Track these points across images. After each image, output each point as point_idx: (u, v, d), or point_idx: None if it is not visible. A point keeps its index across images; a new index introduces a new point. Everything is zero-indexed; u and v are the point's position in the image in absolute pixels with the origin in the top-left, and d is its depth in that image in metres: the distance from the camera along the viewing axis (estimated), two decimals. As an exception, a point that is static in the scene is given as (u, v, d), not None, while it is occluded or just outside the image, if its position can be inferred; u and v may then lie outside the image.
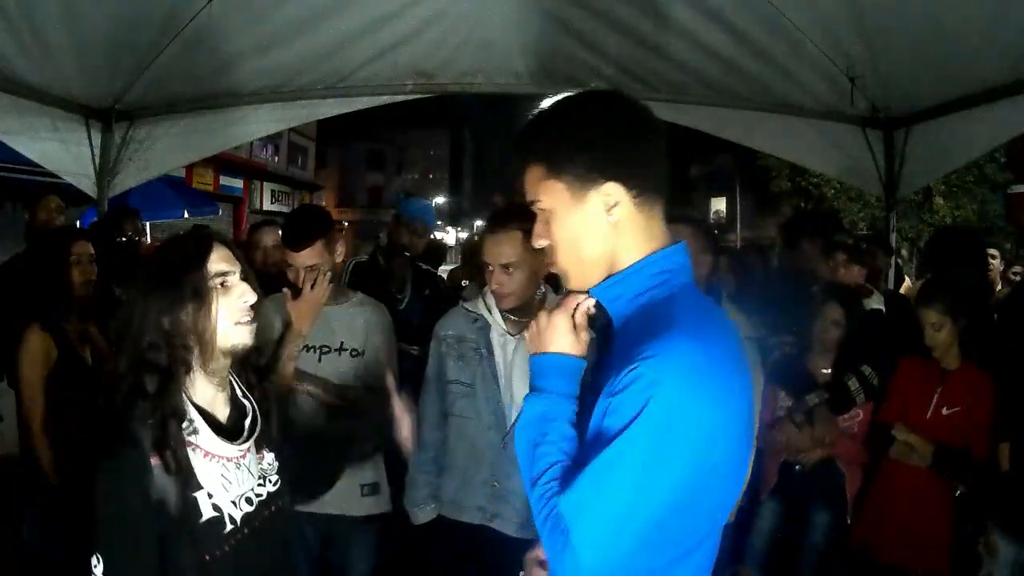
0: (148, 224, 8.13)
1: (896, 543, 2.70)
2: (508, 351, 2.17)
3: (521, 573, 1.38)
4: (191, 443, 1.33)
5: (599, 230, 1.14)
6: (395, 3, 3.53)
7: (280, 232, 3.66)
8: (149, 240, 6.99)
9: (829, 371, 3.04)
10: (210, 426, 1.36)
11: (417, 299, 3.70)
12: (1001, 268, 5.41)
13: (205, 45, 3.58)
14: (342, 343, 2.39)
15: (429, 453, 2.25)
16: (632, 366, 1.03)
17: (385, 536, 2.46)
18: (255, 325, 1.40)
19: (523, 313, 2.15)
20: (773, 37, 3.60)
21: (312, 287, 2.25)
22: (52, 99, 3.67)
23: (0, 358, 2.81)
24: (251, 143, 17.12)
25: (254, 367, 1.49)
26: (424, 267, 3.92)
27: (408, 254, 3.78)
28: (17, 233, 4.15)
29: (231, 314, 1.36)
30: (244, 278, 1.39)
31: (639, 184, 1.14)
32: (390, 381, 1.97)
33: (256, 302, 1.40)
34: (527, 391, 1.30)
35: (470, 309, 2.25)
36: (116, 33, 3.37)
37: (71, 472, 2.46)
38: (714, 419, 1.04)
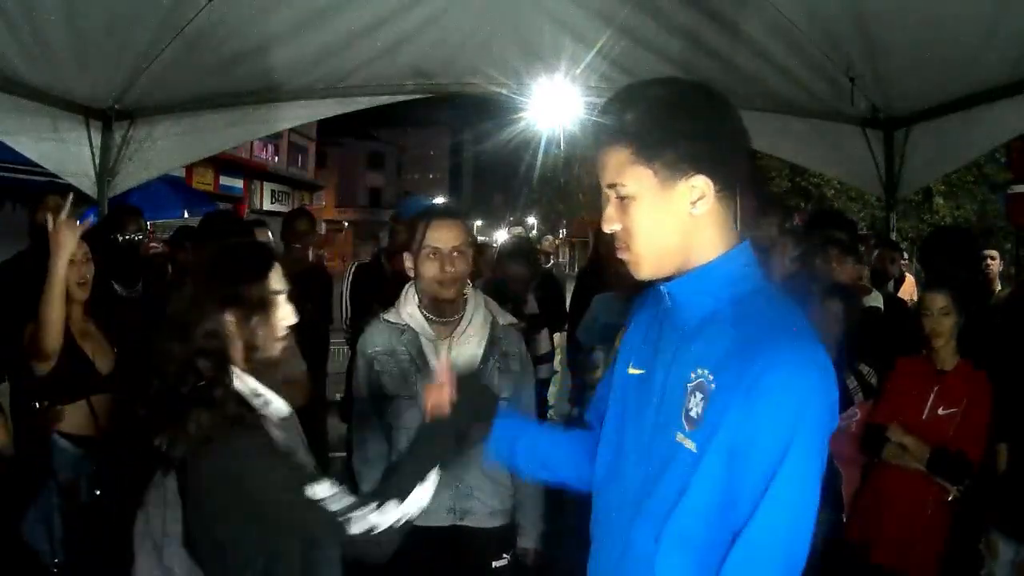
0: (148, 224, 8.12)
1: (890, 544, 2.69)
2: (442, 356, 2.15)
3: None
4: (266, 416, 1.44)
5: (681, 221, 1.14)
6: (395, 3, 3.53)
7: (269, 232, 3.66)
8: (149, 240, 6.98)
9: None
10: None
11: None
12: (1000, 268, 5.42)
13: (205, 45, 3.58)
14: None
15: (378, 467, 2.15)
16: (759, 370, 1.03)
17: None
18: (287, 344, 1.51)
19: (445, 313, 2.13)
20: (773, 37, 3.60)
21: None
22: (52, 99, 3.67)
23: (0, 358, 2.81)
24: (251, 143, 17.13)
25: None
26: None
27: None
28: (17, 233, 4.15)
29: (275, 330, 1.47)
30: (288, 299, 1.49)
31: (725, 179, 1.14)
32: None
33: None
34: None
35: (392, 321, 2.17)
36: (116, 33, 3.37)
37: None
38: (830, 424, 1.07)
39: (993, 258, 5.25)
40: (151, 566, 1.45)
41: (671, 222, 1.14)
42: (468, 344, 2.14)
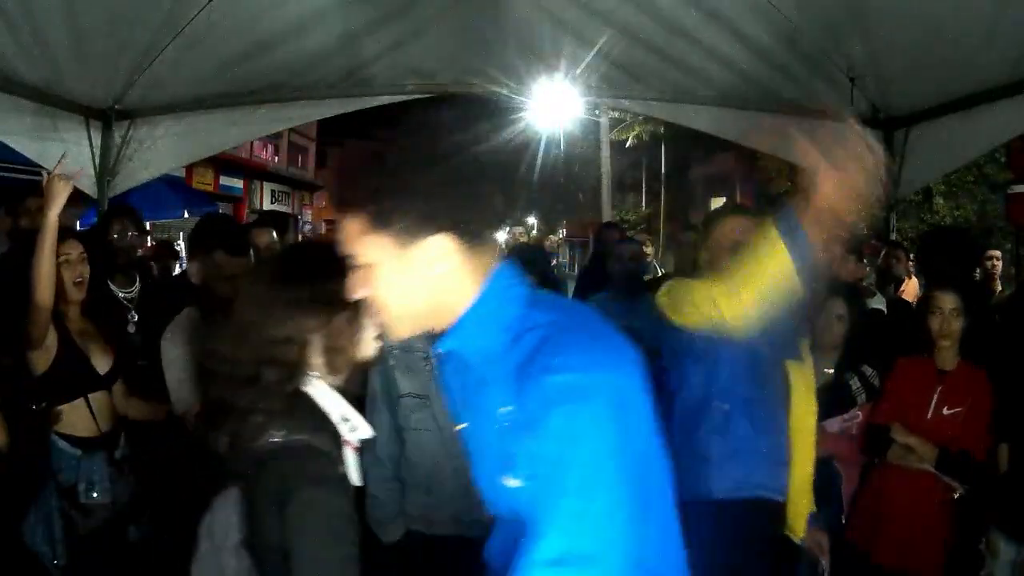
0: (148, 224, 8.12)
1: (891, 544, 2.68)
2: None
3: None
4: (348, 441, 1.33)
5: (426, 283, 1.06)
6: (395, 3, 3.53)
7: (274, 233, 3.66)
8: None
9: (831, 370, 3.03)
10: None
11: None
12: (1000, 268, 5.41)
13: (205, 45, 3.58)
14: None
15: (387, 468, 2.16)
16: (533, 400, 0.98)
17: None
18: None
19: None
20: (773, 37, 3.60)
21: None
22: (52, 99, 3.67)
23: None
24: (251, 143, 17.11)
25: None
26: None
27: None
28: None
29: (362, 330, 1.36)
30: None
31: (470, 231, 1.05)
32: None
33: None
34: None
35: None
36: (116, 33, 3.37)
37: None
38: (620, 381, 1.01)
39: (998, 258, 5.25)
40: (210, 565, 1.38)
41: (415, 285, 1.06)
42: None
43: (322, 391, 1.33)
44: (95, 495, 2.49)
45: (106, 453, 2.57)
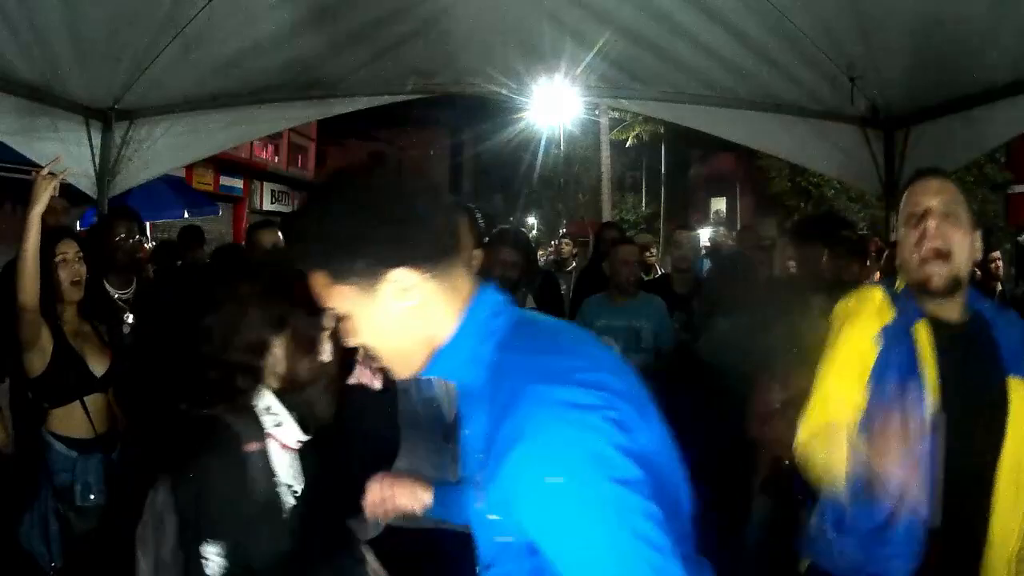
0: (148, 224, 8.13)
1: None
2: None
3: None
4: (272, 435, 1.44)
5: (400, 318, 1.07)
6: (395, 3, 3.52)
7: (279, 233, 3.66)
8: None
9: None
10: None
11: None
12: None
13: (205, 45, 3.57)
14: None
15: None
16: (501, 447, 0.96)
17: None
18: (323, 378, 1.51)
19: None
20: (773, 37, 3.60)
21: None
22: (52, 99, 3.68)
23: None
24: (251, 143, 17.10)
25: None
26: None
27: None
28: (17, 233, 4.14)
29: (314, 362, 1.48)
30: (331, 336, 1.47)
31: (428, 258, 1.06)
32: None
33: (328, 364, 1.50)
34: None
35: None
36: (116, 33, 3.37)
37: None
38: (616, 439, 0.95)
39: (999, 258, 5.26)
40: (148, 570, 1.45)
41: (391, 323, 1.08)
42: None
43: (260, 393, 1.45)
44: (91, 497, 2.49)
45: (102, 455, 2.56)
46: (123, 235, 3.29)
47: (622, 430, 0.95)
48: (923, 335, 1.64)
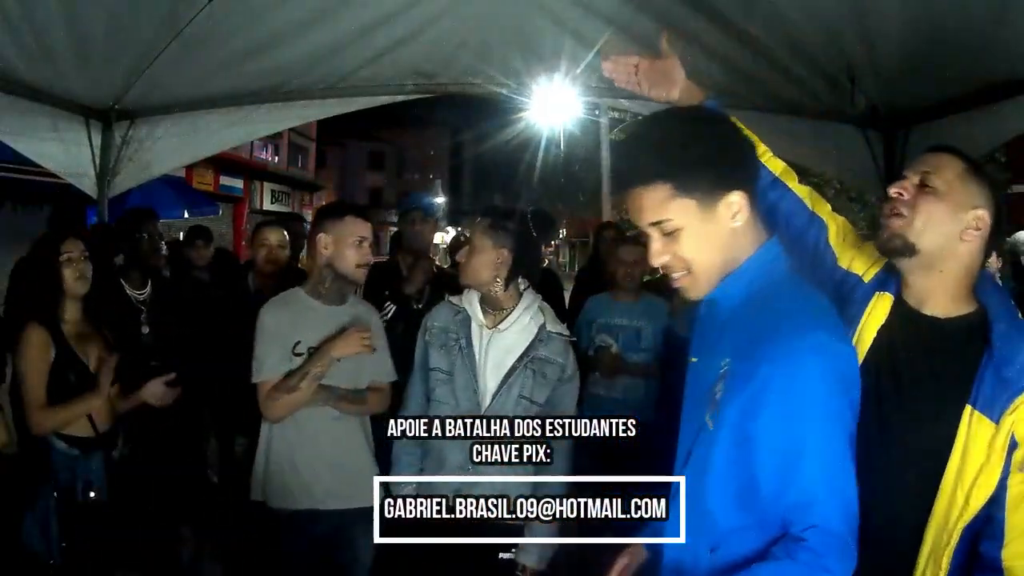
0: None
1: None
2: (484, 342, 2.32)
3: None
4: None
5: (725, 237, 1.24)
6: (395, 3, 3.52)
7: (285, 232, 3.67)
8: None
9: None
10: None
11: (438, 301, 3.71)
12: (999, 267, 5.41)
13: (205, 45, 3.57)
14: None
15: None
16: (757, 363, 1.16)
17: None
18: None
19: (494, 306, 2.34)
20: (773, 37, 3.60)
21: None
22: (52, 99, 3.67)
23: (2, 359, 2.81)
24: (251, 143, 17.12)
25: None
26: (447, 269, 3.92)
27: (431, 256, 3.78)
28: (17, 233, 4.15)
29: None
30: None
31: (752, 187, 1.27)
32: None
33: None
34: (496, 383, 2.18)
35: (455, 302, 2.43)
36: (116, 33, 3.36)
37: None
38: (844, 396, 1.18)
39: (999, 258, 5.25)
40: None
41: (718, 240, 1.24)
42: (505, 337, 2.30)
43: None
44: (92, 495, 2.50)
45: (104, 453, 2.57)
46: (149, 235, 3.31)
47: (850, 365, 1.21)
48: (878, 309, 1.48)
